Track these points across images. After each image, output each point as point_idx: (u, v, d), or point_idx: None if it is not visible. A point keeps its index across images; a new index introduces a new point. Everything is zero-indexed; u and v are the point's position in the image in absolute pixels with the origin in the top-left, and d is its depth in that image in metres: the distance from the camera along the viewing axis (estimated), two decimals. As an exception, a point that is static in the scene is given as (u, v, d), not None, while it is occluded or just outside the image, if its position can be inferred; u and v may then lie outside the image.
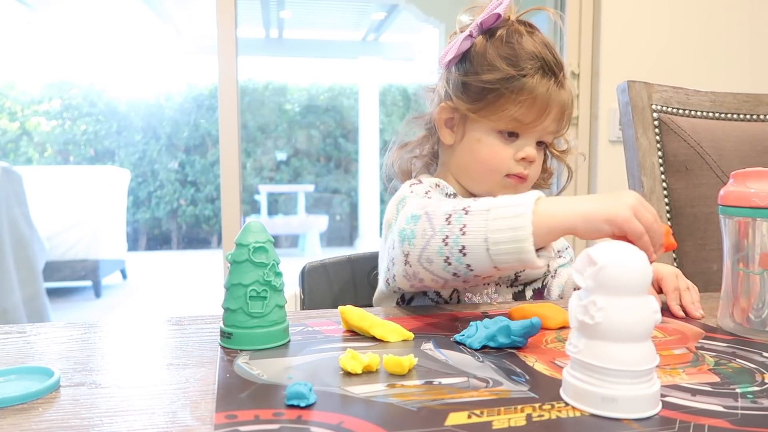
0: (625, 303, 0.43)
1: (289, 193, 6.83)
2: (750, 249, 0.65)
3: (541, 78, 0.84)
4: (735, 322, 0.67)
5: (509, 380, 0.50)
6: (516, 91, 0.84)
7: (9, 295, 2.48)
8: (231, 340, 0.59)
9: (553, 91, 0.85)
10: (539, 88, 0.84)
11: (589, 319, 0.44)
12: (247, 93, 6.67)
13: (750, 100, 1.22)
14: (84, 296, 4.27)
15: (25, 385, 0.49)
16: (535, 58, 0.84)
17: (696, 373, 0.53)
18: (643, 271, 0.44)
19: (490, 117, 0.86)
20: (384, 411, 0.44)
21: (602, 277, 0.44)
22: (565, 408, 0.45)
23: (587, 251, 0.45)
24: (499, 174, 0.87)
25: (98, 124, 6.50)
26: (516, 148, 0.87)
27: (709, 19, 2.13)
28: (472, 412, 0.44)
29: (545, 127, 0.87)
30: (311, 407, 0.45)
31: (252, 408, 0.44)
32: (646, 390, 0.44)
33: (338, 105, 7.03)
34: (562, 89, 0.86)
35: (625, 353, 0.43)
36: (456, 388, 0.49)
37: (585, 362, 0.44)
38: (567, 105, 0.87)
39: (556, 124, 0.88)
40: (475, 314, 0.73)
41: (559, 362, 0.55)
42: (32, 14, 5.67)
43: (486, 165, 0.88)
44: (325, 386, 0.49)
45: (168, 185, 6.73)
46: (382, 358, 0.53)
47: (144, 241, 6.78)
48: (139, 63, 6.46)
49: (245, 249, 0.59)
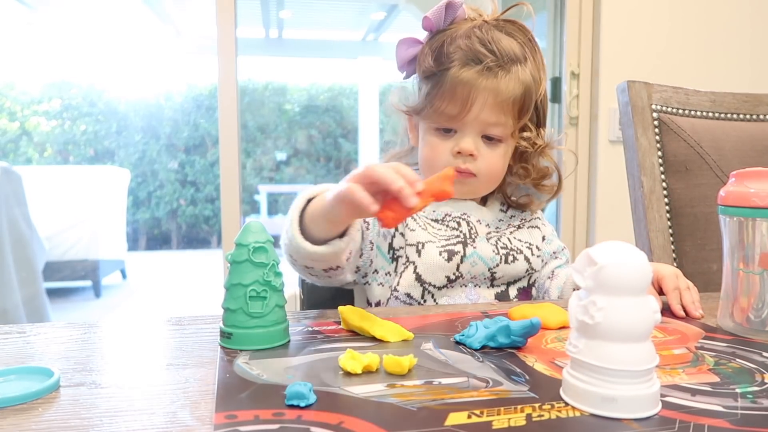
0: (625, 303, 0.43)
1: (289, 193, 6.82)
2: (750, 249, 0.65)
3: (461, 68, 0.84)
4: (735, 322, 0.67)
5: (509, 380, 0.50)
6: (439, 85, 0.85)
7: (9, 295, 2.48)
8: (231, 340, 0.59)
9: (477, 79, 0.83)
10: (460, 76, 0.83)
11: (589, 319, 0.44)
12: (247, 93, 6.68)
13: (750, 100, 1.22)
14: (84, 296, 4.26)
15: (24, 385, 0.49)
16: (459, 50, 0.84)
17: (696, 373, 0.53)
18: (643, 271, 0.44)
19: (424, 116, 0.88)
20: (384, 411, 0.44)
21: (602, 277, 0.44)
22: (565, 408, 0.45)
23: (587, 251, 0.45)
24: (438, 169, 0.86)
25: (98, 124, 6.50)
26: (453, 143, 0.86)
27: (708, 19, 2.13)
28: (472, 412, 0.44)
29: (479, 118, 0.84)
30: (311, 407, 0.45)
31: (252, 408, 0.44)
32: (645, 390, 0.44)
33: (338, 105, 7.03)
34: (492, 77, 0.83)
35: (625, 353, 0.43)
36: (456, 388, 0.49)
37: (585, 362, 0.44)
38: (503, 92, 0.84)
39: (493, 113, 0.84)
40: (475, 314, 0.73)
41: (559, 362, 0.55)
42: (32, 14, 5.67)
43: (427, 163, 0.89)
44: (325, 386, 0.49)
45: (168, 185, 6.73)
46: (382, 358, 0.53)
47: (144, 241, 6.78)
48: (138, 63, 6.46)
49: (245, 249, 0.59)
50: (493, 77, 0.84)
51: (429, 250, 0.86)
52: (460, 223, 0.90)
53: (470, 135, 0.86)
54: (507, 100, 0.85)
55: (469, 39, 0.85)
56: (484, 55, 0.84)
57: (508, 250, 0.90)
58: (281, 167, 6.91)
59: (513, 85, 0.85)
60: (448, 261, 0.86)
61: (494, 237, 0.91)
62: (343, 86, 7.04)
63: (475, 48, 0.84)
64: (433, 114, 0.86)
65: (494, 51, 0.84)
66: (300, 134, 6.91)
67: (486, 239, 0.90)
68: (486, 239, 0.90)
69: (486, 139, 0.87)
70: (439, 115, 0.86)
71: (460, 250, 0.87)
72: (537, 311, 0.68)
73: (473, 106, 0.84)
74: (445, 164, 0.85)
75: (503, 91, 0.84)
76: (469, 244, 0.88)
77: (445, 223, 0.90)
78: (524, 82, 0.86)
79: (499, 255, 0.89)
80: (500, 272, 0.89)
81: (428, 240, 0.87)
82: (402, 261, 0.87)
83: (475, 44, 0.84)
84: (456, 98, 0.84)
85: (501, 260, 0.89)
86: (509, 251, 0.90)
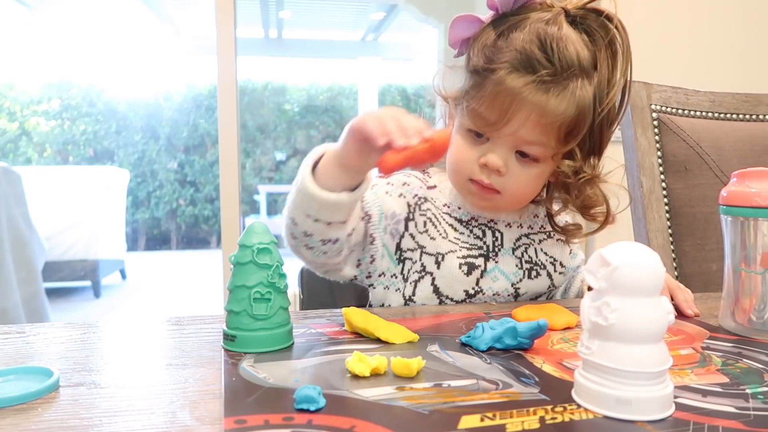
0: (640, 304, 0.43)
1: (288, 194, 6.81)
2: (751, 249, 0.65)
3: (510, 72, 0.71)
4: (736, 322, 0.67)
5: (519, 382, 0.50)
6: (481, 86, 0.74)
7: (8, 295, 2.47)
8: (235, 343, 0.58)
9: (524, 91, 0.71)
10: (507, 82, 0.71)
11: (603, 320, 0.43)
12: (247, 93, 6.68)
13: (749, 100, 1.22)
14: (83, 296, 4.26)
15: (24, 386, 0.49)
16: (513, 51, 0.72)
17: (704, 374, 0.53)
18: (657, 272, 0.44)
19: (459, 111, 0.78)
20: (395, 415, 0.44)
21: (616, 278, 0.43)
22: (578, 410, 0.44)
23: (600, 252, 0.44)
24: (461, 176, 0.79)
25: (97, 124, 6.50)
26: (482, 151, 0.76)
27: (708, 19, 2.13)
28: (485, 415, 0.43)
29: (517, 132, 0.73)
30: (321, 411, 0.44)
31: (261, 412, 0.44)
32: (660, 392, 0.43)
33: (337, 105, 7.03)
34: (542, 93, 0.71)
35: (640, 354, 0.43)
36: (466, 390, 0.48)
37: (598, 364, 0.44)
38: (551, 111, 0.71)
39: (534, 133, 0.72)
40: (479, 315, 0.73)
41: (567, 363, 0.55)
42: (32, 14, 5.67)
43: (451, 165, 0.80)
44: (334, 389, 0.48)
45: (167, 185, 6.73)
46: (390, 360, 0.52)
47: (143, 241, 6.78)
48: (138, 63, 6.46)
49: (249, 250, 0.58)
50: (544, 93, 0.71)
51: (449, 261, 0.81)
52: (485, 232, 0.84)
53: (502, 148, 0.75)
54: (554, 121, 0.72)
55: (529, 37, 0.71)
56: (539, 64, 0.71)
57: (532, 265, 0.85)
58: (281, 167, 6.91)
59: (566, 105, 0.71)
60: (468, 275, 0.81)
61: (522, 247, 0.85)
62: (342, 86, 7.04)
63: (532, 52, 0.71)
64: (468, 114, 0.76)
65: (553, 60, 0.71)
66: (299, 134, 6.91)
67: (511, 251, 0.84)
68: (511, 251, 0.84)
69: (520, 155, 0.75)
70: (474, 117, 0.75)
71: (481, 264, 0.82)
72: (541, 312, 0.67)
73: (512, 119, 0.72)
74: (468, 172, 0.78)
75: (551, 111, 0.71)
76: (491, 258, 0.82)
77: (469, 227, 0.84)
78: (581, 102, 0.72)
79: (523, 269, 0.84)
80: (524, 288, 0.84)
81: (449, 250, 0.81)
82: (416, 268, 0.82)
83: (532, 47, 0.71)
84: (495, 106, 0.72)
85: (524, 275, 0.84)
86: (533, 266, 0.85)
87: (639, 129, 1.14)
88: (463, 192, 0.82)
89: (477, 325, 0.60)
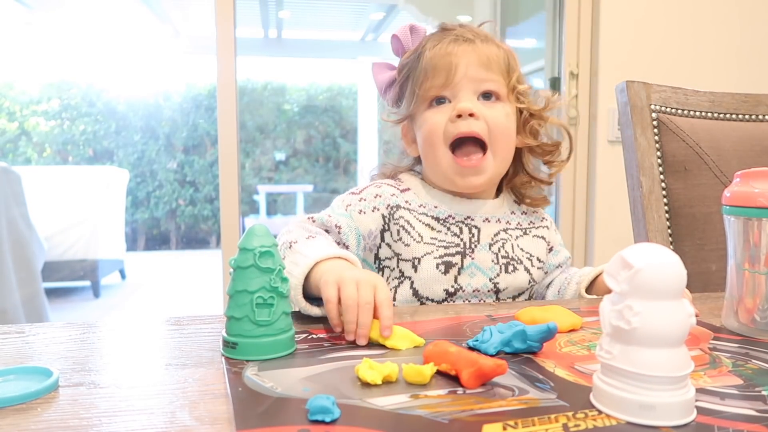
0: (663, 307, 0.42)
1: (288, 194, 6.82)
2: (755, 249, 0.65)
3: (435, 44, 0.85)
4: (740, 322, 0.67)
5: (534, 388, 0.49)
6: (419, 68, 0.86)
7: (8, 295, 2.47)
8: (236, 350, 0.56)
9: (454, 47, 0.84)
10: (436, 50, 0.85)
11: (625, 324, 0.42)
12: (246, 93, 6.67)
13: (749, 101, 1.22)
14: (83, 296, 4.26)
15: (23, 385, 0.49)
16: (430, 37, 0.88)
17: (717, 376, 0.52)
18: (680, 274, 0.43)
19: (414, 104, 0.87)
20: (415, 424, 0.42)
21: (638, 281, 0.42)
22: (600, 416, 0.43)
23: (621, 254, 0.43)
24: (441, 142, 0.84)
25: (97, 124, 6.49)
26: (450, 109, 0.84)
27: (707, 19, 2.13)
28: (506, 423, 0.42)
29: (468, 75, 0.84)
30: (336, 422, 0.42)
31: (274, 425, 0.41)
32: (682, 396, 0.43)
33: (337, 105, 7.02)
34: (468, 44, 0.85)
35: (664, 358, 0.42)
36: (482, 397, 0.47)
37: (620, 369, 0.43)
38: (484, 52, 0.84)
39: (481, 70, 0.84)
40: (481, 318, 0.72)
41: (579, 367, 0.53)
42: (31, 14, 5.66)
43: (429, 140, 0.86)
44: (346, 399, 0.46)
45: (167, 185, 6.72)
46: (401, 367, 0.50)
47: (143, 241, 6.78)
48: (137, 63, 6.45)
49: (250, 254, 0.56)
50: (470, 43, 0.85)
51: (425, 264, 0.84)
52: (462, 229, 0.87)
53: (465, 96, 0.84)
54: (490, 58, 0.85)
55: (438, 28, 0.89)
56: (455, 28, 0.87)
57: (509, 260, 0.87)
58: (280, 167, 6.90)
59: (493, 48, 0.86)
60: (445, 273, 0.84)
61: (498, 243, 0.88)
62: (342, 86, 7.04)
63: (445, 27, 0.88)
64: (421, 96, 0.85)
65: (465, 26, 0.88)
66: (299, 134, 6.91)
67: (488, 246, 0.87)
68: (488, 246, 0.87)
69: (484, 98, 0.85)
70: (429, 88, 0.85)
71: (457, 262, 0.84)
72: (545, 314, 0.66)
73: (458, 67, 0.83)
74: (448, 135, 0.84)
75: (484, 52, 0.85)
76: (467, 254, 0.85)
77: (446, 225, 0.86)
78: (503, 47, 0.88)
79: (499, 264, 0.86)
80: (503, 283, 0.86)
81: (425, 253, 0.84)
82: (394, 274, 0.85)
83: (445, 26, 0.89)
84: (439, 69, 0.84)
85: (501, 270, 0.86)
86: (510, 261, 0.87)
87: (638, 129, 1.14)
88: (449, 174, 0.85)
89: (484, 329, 0.59)
